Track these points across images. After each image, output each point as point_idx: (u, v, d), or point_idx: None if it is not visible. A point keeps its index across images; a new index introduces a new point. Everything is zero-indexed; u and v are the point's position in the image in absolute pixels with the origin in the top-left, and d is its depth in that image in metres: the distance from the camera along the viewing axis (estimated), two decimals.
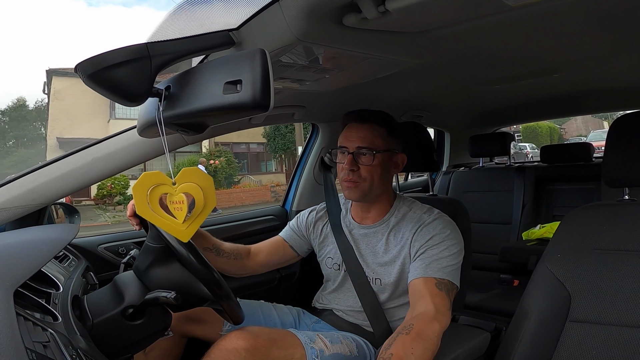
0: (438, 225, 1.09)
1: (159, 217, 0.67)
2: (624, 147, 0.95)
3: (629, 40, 1.13)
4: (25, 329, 0.53)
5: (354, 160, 1.10)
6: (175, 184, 0.67)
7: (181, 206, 0.66)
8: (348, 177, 1.11)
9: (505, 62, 1.31)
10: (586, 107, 2.50)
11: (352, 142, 1.11)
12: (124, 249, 1.34)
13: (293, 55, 0.91)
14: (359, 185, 1.11)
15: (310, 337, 1.03)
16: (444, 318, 0.93)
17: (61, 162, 1.07)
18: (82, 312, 0.80)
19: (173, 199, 0.66)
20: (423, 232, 1.09)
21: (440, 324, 0.90)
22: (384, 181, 1.15)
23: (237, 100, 0.57)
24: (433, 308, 0.93)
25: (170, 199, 0.67)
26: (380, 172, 1.12)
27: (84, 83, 0.60)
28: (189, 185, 0.67)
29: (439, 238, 1.06)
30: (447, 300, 0.97)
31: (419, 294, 0.99)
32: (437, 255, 1.04)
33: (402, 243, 1.12)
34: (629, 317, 0.86)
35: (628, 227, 0.93)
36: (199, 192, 0.67)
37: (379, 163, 1.11)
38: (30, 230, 0.95)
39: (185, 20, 0.72)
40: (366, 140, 1.10)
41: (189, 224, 0.67)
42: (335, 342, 1.05)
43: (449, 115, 2.39)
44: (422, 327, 0.87)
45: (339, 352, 1.04)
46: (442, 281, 1.00)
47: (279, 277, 1.67)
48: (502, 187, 2.41)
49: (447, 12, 0.82)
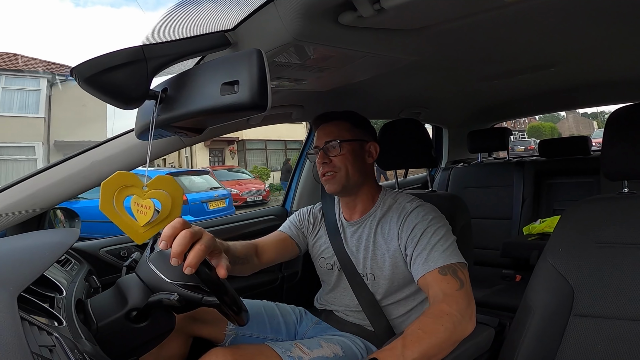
0: (419, 212, 1.10)
1: (119, 216, 0.67)
2: (622, 139, 0.95)
3: (623, 34, 1.13)
4: (30, 333, 0.53)
5: (325, 154, 1.18)
6: (146, 189, 0.67)
7: (146, 211, 0.67)
8: (324, 170, 1.17)
9: (502, 57, 1.31)
10: (582, 101, 2.50)
11: (321, 139, 1.20)
12: (126, 252, 1.34)
13: (290, 54, 0.91)
14: (335, 176, 1.16)
15: (286, 347, 1.02)
16: (452, 300, 0.93)
17: (60, 167, 1.07)
18: (86, 316, 0.80)
19: (140, 202, 0.67)
20: (407, 222, 1.10)
21: (449, 305, 0.92)
22: (360, 170, 1.18)
23: (235, 101, 0.58)
24: (440, 293, 0.95)
25: (137, 202, 0.67)
26: (353, 160, 1.17)
27: (80, 87, 0.60)
28: (159, 193, 0.67)
29: (423, 225, 1.07)
30: (454, 281, 0.98)
31: (428, 288, 1.00)
32: (429, 244, 1.04)
33: (390, 236, 1.13)
34: (633, 310, 0.86)
35: (629, 220, 0.92)
36: (168, 201, 0.68)
37: (348, 152, 1.17)
38: (32, 235, 0.95)
39: (181, 21, 0.72)
40: (332, 134, 1.19)
41: (147, 229, 0.68)
42: (314, 347, 1.05)
43: (447, 111, 2.39)
44: (430, 310, 0.93)
45: (319, 355, 1.03)
46: (443, 267, 1.00)
47: (281, 276, 1.67)
48: (501, 182, 2.42)
49: (442, 9, 0.82)
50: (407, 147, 1.46)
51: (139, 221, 0.67)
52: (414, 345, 0.83)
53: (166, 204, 0.68)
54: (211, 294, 0.79)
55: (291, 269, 1.71)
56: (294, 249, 1.29)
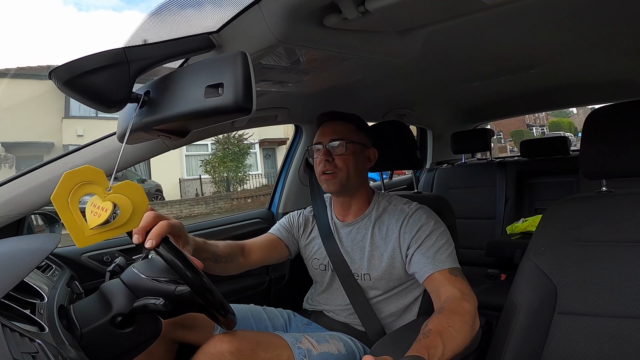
0: (422, 215, 1.13)
1: (69, 211, 0.62)
2: (599, 139, 0.98)
3: (600, 36, 1.16)
4: (12, 340, 0.52)
5: (328, 152, 1.17)
6: (109, 190, 0.63)
7: (101, 213, 0.62)
8: (325, 168, 1.16)
9: (483, 59, 1.33)
10: (562, 102, 2.56)
11: (326, 137, 1.19)
12: (109, 257, 1.31)
13: (274, 57, 0.91)
14: (337, 175, 1.16)
15: (297, 338, 1.03)
16: (471, 299, 0.96)
17: (39, 171, 1.05)
18: (69, 322, 0.78)
19: (97, 202, 0.62)
20: (409, 223, 1.12)
21: (470, 304, 0.94)
22: (359, 173, 1.19)
23: (219, 103, 0.57)
24: (457, 291, 0.97)
25: (94, 202, 0.63)
26: (354, 162, 1.17)
27: (60, 90, 0.59)
28: (121, 198, 0.63)
29: (427, 228, 1.10)
30: (465, 283, 1.01)
31: (439, 285, 1.01)
32: (435, 246, 1.07)
33: (389, 236, 1.14)
34: (614, 307, 0.87)
35: (607, 219, 0.95)
36: (129, 208, 0.64)
37: (352, 153, 1.17)
38: (10, 241, 0.92)
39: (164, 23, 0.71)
40: (338, 133, 1.18)
41: (95, 233, 0.63)
42: (322, 341, 1.06)
43: (431, 113, 2.42)
44: (454, 306, 0.92)
45: (326, 351, 1.04)
46: (452, 269, 1.03)
47: (268, 279, 1.66)
48: (484, 183, 2.45)
49: (426, 11, 0.84)
50: (393, 149, 1.47)
51: (89, 222, 0.62)
52: (450, 343, 0.82)
53: (126, 211, 0.64)
54: (183, 284, 0.78)
55: (278, 271, 1.70)
56: (283, 251, 1.29)
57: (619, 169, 0.95)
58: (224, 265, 1.10)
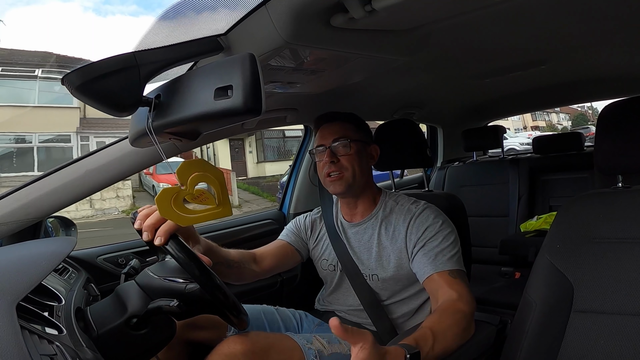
0: (430, 215, 1.12)
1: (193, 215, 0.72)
2: (614, 134, 0.96)
3: (611, 31, 1.14)
4: (31, 342, 0.53)
5: (332, 153, 1.16)
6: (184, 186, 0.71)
7: (206, 195, 0.72)
8: (330, 169, 1.16)
9: (493, 55, 1.32)
10: (573, 97, 2.52)
11: (327, 138, 1.18)
12: (124, 259, 1.33)
13: (282, 58, 0.91)
14: (343, 176, 1.15)
15: (307, 339, 1.03)
16: (468, 301, 0.95)
17: (54, 176, 1.07)
18: (86, 324, 0.79)
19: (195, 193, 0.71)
20: (416, 223, 1.11)
21: (466, 305, 0.93)
22: (364, 172, 1.19)
23: (229, 106, 0.57)
24: (455, 293, 0.96)
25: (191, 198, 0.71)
26: (359, 161, 1.17)
27: (73, 95, 0.60)
28: (194, 178, 0.71)
29: (434, 229, 1.09)
30: (464, 286, 1.00)
31: (436, 287, 1.01)
32: (438, 247, 1.06)
33: (395, 236, 1.14)
34: (633, 305, 0.85)
35: (624, 215, 0.92)
36: (206, 176, 0.72)
37: (356, 152, 1.17)
38: (28, 245, 0.94)
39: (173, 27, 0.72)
40: (340, 132, 1.18)
41: (221, 201, 0.74)
42: (333, 342, 1.06)
43: (441, 110, 2.40)
44: (447, 306, 0.93)
45: (337, 351, 1.04)
46: (452, 270, 1.02)
47: (280, 280, 1.67)
48: (497, 180, 2.43)
49: (433, 9, 0.83)
50: (402, 147, 1.46)
51: (210, 205, 0.73)
52: (440, 339, 0.83)
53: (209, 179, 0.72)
54: (193, 282, 0.79)
55: (290, 272, 1.70)
56: (294, 255, 1.29)
57: (636, 163, 0.93)
58: (237, 271, 1.10)
